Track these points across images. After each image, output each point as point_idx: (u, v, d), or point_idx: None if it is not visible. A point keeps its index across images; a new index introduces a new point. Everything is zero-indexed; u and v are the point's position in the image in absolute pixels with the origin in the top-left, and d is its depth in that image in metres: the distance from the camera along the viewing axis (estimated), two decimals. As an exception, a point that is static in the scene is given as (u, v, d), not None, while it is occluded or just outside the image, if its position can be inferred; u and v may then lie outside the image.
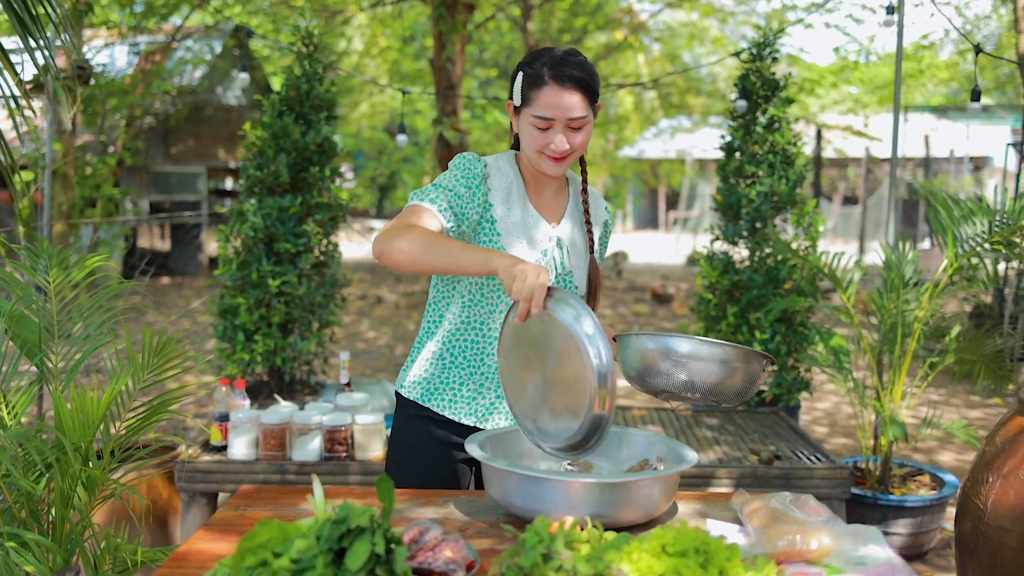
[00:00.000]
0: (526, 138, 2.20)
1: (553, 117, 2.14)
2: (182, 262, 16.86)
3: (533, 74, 2.16)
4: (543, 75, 2.14)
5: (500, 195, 2.28)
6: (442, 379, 2.35)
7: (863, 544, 1.74)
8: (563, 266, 2.32)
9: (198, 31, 12.86)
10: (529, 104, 2.16)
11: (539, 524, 1.56)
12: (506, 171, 2.31)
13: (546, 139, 2.17)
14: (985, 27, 14.63)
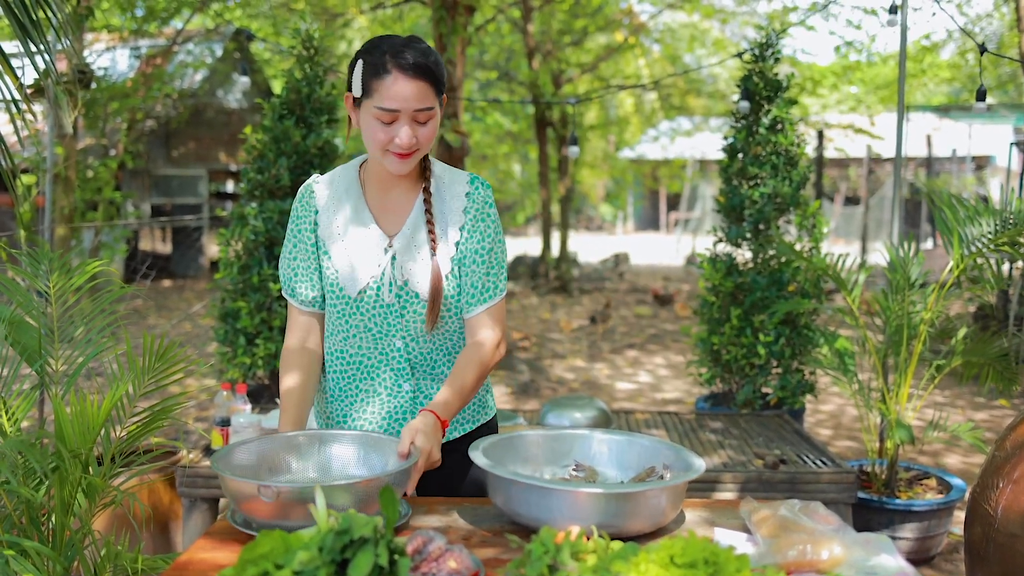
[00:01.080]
0: (368, 134, 2.04)
1: (398, 108, 1.99)
2: (183, 265, 16.85)
3: (375, 62, 1.99)
4: (386, 63, 1.98)
5: (327, 214, 2.19)
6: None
7: (874, 554, 1.71)
8: (396, 281, 2.16)
9: (199, 34, 12.86)
10: (371, 95, 2.00)
11: (545, 534, 1.53)
12: (338, 184, 2.21)
13: (390, 133, 2.01)
14: (987, 26, 14.61)
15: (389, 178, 2.16)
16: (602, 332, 11.11)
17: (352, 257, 2.16)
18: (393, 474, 1.88)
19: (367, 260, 2.16)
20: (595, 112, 19.11)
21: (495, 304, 2.21)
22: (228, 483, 1.83)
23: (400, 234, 2.16)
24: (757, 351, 4.88)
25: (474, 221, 2.18)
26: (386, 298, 2.15)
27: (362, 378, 2.24)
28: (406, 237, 2.16)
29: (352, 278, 2.15)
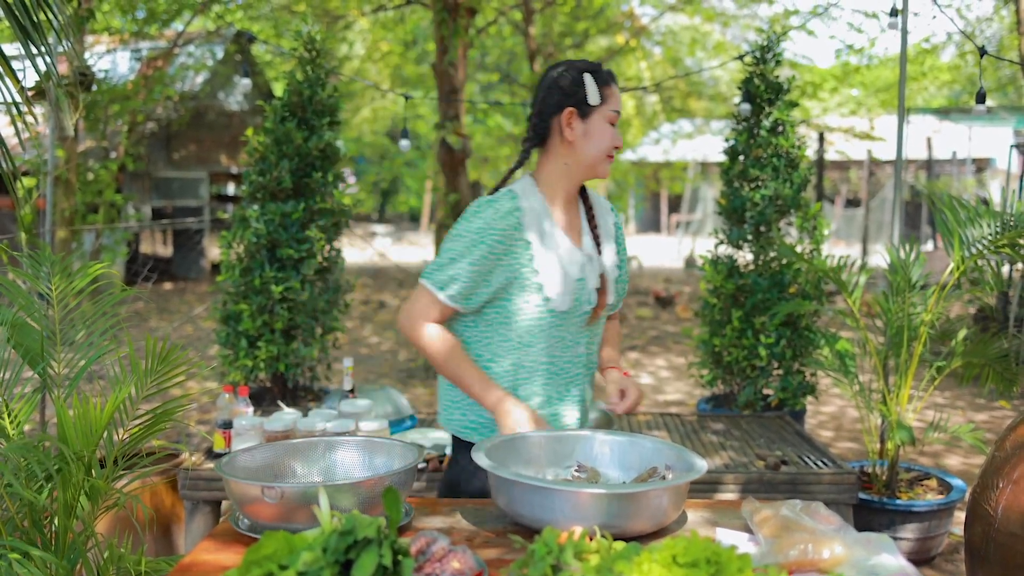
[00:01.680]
0: (598, 139, 2.30)
1: (619, 111, 2.31)
2: (184, 268, 16.86)
3: (600, 75, 2.30)
4: (607, 77, 2.31)
5: (533, 231, 2.30)
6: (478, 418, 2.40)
7: (875, 553, 1.72)
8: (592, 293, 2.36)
9: (200, 37, 12.87)
10: (605, 102, 2.29)
11: (548, 534, 1.54)
12: (534, 202, 2.33)
13: (615, 135, 2.31)
14: (987, 29, 14.62)
15: (570, 195, 2.40)
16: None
17: (561, 272, 2.31)
18: (397, 474, 1.89)
19: (571, 274, 2.32)
20: (596, 114, 19.10)
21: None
22: (232, 486, 1.84)
23: (584, 246, 2.38)
24: (758, 353, 4.88)
25: (619, 230, 2.52)
26: (585, 307, 2.35)
27: (564, 384, 2.39)
28: (589, 249, 2.39)
29: (563, 293, 2.30)
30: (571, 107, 2.29)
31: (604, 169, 2.35)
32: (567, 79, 2.30)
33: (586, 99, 2.28)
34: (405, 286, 16.31)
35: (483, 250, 2.25)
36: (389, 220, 35.46)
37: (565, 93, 2.30)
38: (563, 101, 2.29)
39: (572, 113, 2.29)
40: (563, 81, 2.31)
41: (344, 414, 3.62)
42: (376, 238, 27.51)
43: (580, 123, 2.30)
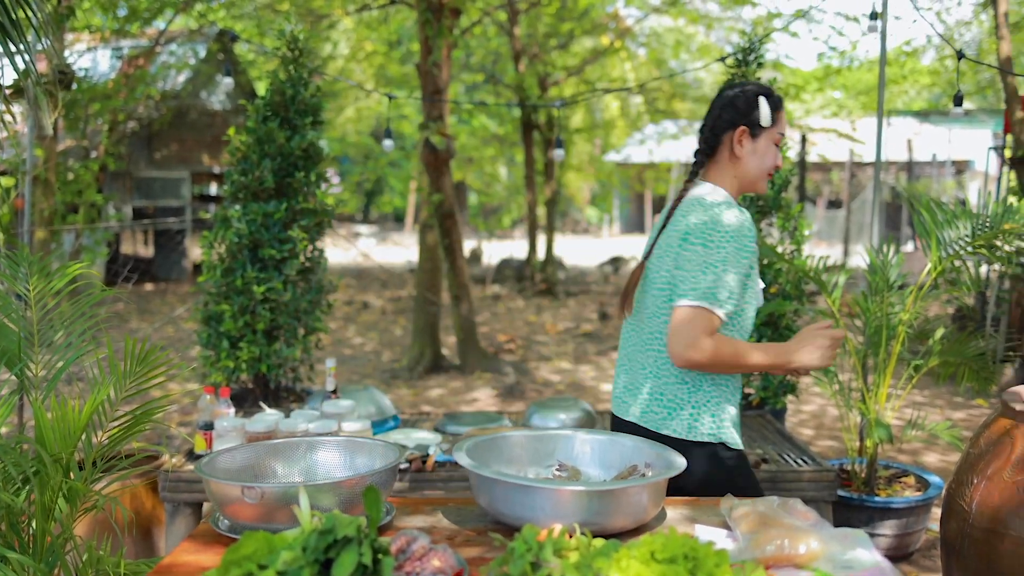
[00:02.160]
0: (763, 158, 2.49)
1: (784, 134, 2.53)
2: (166, 268, 16.78)
3: (773, 98, 2.50)
4: (778, 101, 2.51)
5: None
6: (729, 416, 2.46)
7: (851, 548, 1.73)
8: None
9: (182, 35, 12.81)
10: (777, 123, 2.50)
11: (527, 532, 1.55)
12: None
13: (776, 156, 2.51)
14: (967, 33, 14.71)
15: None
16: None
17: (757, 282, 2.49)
18: (377, 474, 1.89)
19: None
20: (581, 115, 19.14)
21: None
22: (212, 486, 1.84)
23: None
24: (739, 352, 4.90)
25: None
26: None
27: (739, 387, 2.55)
28: None
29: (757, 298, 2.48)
30: (744, 126, 2.48)
31: (763, 185, 2.53)
32: (743, 99, 2.49)
33: (759, 120, 2.47)
34: (389, 286, 16.30)
35: (746, 257, 2.35)
36: (373, 220, 35.40)
37: (739, 112, 2.49)
38: (737, 120, 2.48)
39: (744, 132, 2.48)
40: (739, 101, 2.50)
41: (326, 415, 3.62)
42: (360, 238, 27.49)
43: (750, 141, 2.49)
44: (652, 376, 2.43)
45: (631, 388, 2.49)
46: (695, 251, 2.32)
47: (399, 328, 11.62)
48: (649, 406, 2.43)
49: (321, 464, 2.14)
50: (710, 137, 2.51)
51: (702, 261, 2.31)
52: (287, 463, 2.12)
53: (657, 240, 2.47)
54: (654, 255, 2.46)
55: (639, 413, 2.44)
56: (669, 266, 2.38)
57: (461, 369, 8.68)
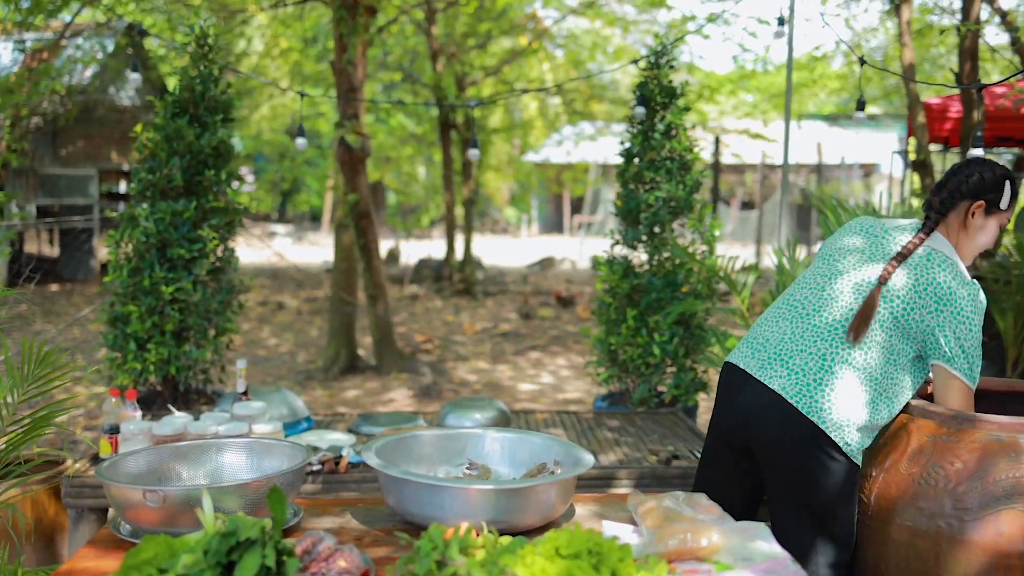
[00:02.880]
0: (987, 236, 2.61)
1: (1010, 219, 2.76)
2: (72, 268, 16.33)
3: (1015, 184, 2.61)
4: (1017, 186, 2.62)
5: None
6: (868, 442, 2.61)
7: (751, 540, 1.77)
8: None
9: (89, 29, 12.48)
10: (1008, 209, 2.60)
11: (434, 531, 1.55)
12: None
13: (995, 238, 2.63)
14: (872, 39, 15.13)
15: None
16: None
17: None
18: (282, 475, 1.87)
19: None
20: (500, 115, 19.18)
21: None
22: (113, 490, 1.80)
23: None
24: (652, 351, 4.97)
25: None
26: None
27: None
28: None
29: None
30: (983, 201, 2.57)
31: (972, 259, 2.63)
32: (990, 175, 2.59)
33: (999, 201, 2.58)
34: (304, 286, 16.12)
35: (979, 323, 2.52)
36: (289, 220, 34.96)
37: (985, 187, 2.58)
38: (979, 193, 2.57)
39: (981, 207, 2.57)
40: (987, 175, 2.59)
41: (237, 417, 3.57)
42: (275, 238, 27.12)
43: (982, 217, 2.59)
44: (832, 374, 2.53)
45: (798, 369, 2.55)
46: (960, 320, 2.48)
47: (315, 329, 11.50)
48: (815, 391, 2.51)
49: (228, 467, 2.11)
50: (948, 201, 2.60)
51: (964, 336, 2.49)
52: (193, 466, 2.09)
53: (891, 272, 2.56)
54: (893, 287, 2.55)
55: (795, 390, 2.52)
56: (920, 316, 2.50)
57: (377, 370, 8.63)
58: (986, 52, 11.13)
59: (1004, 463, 2.48)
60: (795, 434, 2.45)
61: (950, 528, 2.48)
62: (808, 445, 2.45)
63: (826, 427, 2.48)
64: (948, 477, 2.52)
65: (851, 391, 2.50)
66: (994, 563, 2.41)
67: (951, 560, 2.47)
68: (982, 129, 4.04)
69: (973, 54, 7.69)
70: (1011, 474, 2.46)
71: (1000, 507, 2.44)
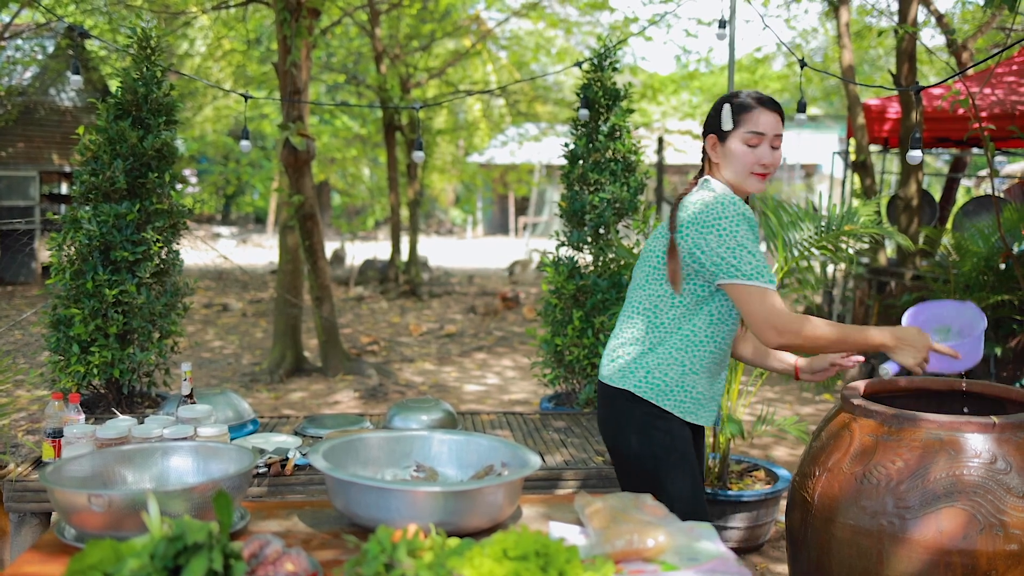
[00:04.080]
0: (736, 159, 2.59)
1: (764, 132, 2.57)
2: (12, 271, 16.02)
3: (739, 102, 2.60)
4: (748, 101, 2.60)
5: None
6: (680, 383, 2.63)
7: (696, 540, 1.81)
8: None
9: (28, 30, 12.27)
10: (741, 124, 2.58)
11: (381, 533, 1.56)
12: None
13: (756, 156, 2.58)
14: (812, 40, 15.38)
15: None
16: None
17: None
18: (228, 479, 1.87)
19: None
20: (444, 117, 19.18)
21: None
22: (57, 495, 1.79)
23: None
24: (598, 351, 5.01)
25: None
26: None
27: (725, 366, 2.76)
28: None
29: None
30: (712, 134, 2.65)
31: (752, 185, 2.62)
32: (713, 109, 2.66)
33: (721, 126, 2.61)
34: (249, 289, 15.97)
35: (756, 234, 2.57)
36: (234, 222, 34.60)
37: (710, 122, 2.67)
38: (707, 129, 2.67)
39: (713, 139, 2.64)
40: (711, 111, 2.67)
41: (182, 420, 3.54)
42: (220, 240, 26.81)
43: (720, 147, 2.63)
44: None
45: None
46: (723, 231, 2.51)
47: (260, 331, 11.41)
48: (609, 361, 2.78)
49: (174, 470, 2.10)
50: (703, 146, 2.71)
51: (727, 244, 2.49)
52: (138, 470, 2.08)
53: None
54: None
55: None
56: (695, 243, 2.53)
57: (323, 371, 8.59)
58: (923, 54, 11.40)
59: (944, 461, 2.54)
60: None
61: (892, 526, 2.53)
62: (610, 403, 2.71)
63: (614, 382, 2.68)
64: (890, 476, 2.58)
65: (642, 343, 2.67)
66: (935, 560, 2.48)
67: (893, 558, 2.53)
68: (920, 131, 4.13)
69: (911, 56, 7.86)
70: (951, 472, 2.52)
71: (940, 505, 2.50)
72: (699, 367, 2.64)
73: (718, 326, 2.64)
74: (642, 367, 2.64)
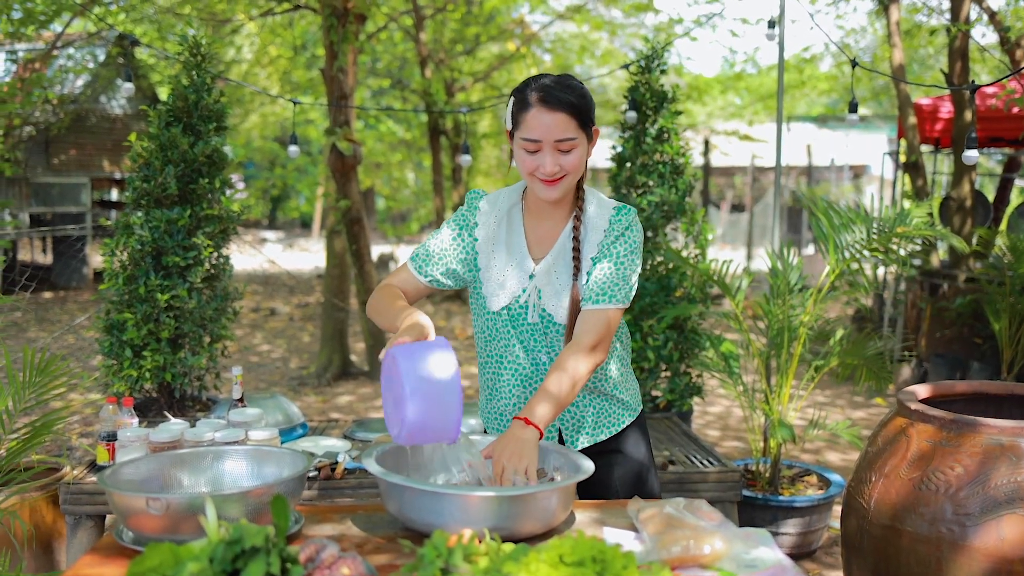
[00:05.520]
0: (519, 162, 2.23)
1: (540, 138, 2.17)
2: (65, 276, 16.30)
3: (522, 98, 2.20)
4: (529, 98, 2.18)
5: (487, 238, 2.35)
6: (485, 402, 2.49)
7: (754, 547, 1.78)
8: (536, 308, 2.33)
9: (80, 39, 12.47)
10: (518, 127, 2.20)
11: (437, 538, 1.56)
12: (503, 205, 2.36)
13: (536, 162, 2.19)
14: (862, 39, 15.19)
15: (544, 206, 2.32)
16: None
17: (497, 275, 2.33)
18: (285, 482, 1.88)
19: (511, 281, 2.32)
20: (488, 120, 19.20)
21: (602, 309, 2.25)
22: (115, 498, 1.80)
23: (544, 261, 2.32)
24: (647, 355, 4.98)
25: (610, 244, 2.30)
26: (530, 319, 2.34)
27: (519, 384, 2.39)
28: (548, 264, 2.32)
29: (494, 295, 2.33)
30: (508, 129, 2.28)
31: (539, 191, 2.23)
32: (510, 95, 2.27)
33: (509, 124, 2.26)
34: (296, 293, 16.09)
35: (450, 229, 2.36)
36: (280, 226, 34.93)
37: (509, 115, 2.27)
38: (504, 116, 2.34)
39: (508, 135, 2.28)
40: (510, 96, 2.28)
41: (233, 423, 3.57)
42: (266, 245, 27.07)
43: (512, 143, 2.27)
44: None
45: None
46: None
47: (307, 335, 11.49)
48: None
49: (228, 473, 2.12)
50: None
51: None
52: (193, 473, 2.09)
53: None
54: None
55: None
56: None
57: (370, 375, 8.63)
58: (975, 52, 11.21)
59: (1005, 467, 2.48)
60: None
61: (951, 534, 2.48)
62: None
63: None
64: (949, 482, 2.52)
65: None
66: (996, 568, 2.42)
67: (953, 566, 2.47)
68: (975, 130, 4.05)
69: (963, 54, 7.73)
70: (1012, 479, 2.46)
71: (1002, 512, 2.44)
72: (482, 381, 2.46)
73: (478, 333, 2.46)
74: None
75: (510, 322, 2.35)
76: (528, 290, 2.32)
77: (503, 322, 2.35)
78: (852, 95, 4.82)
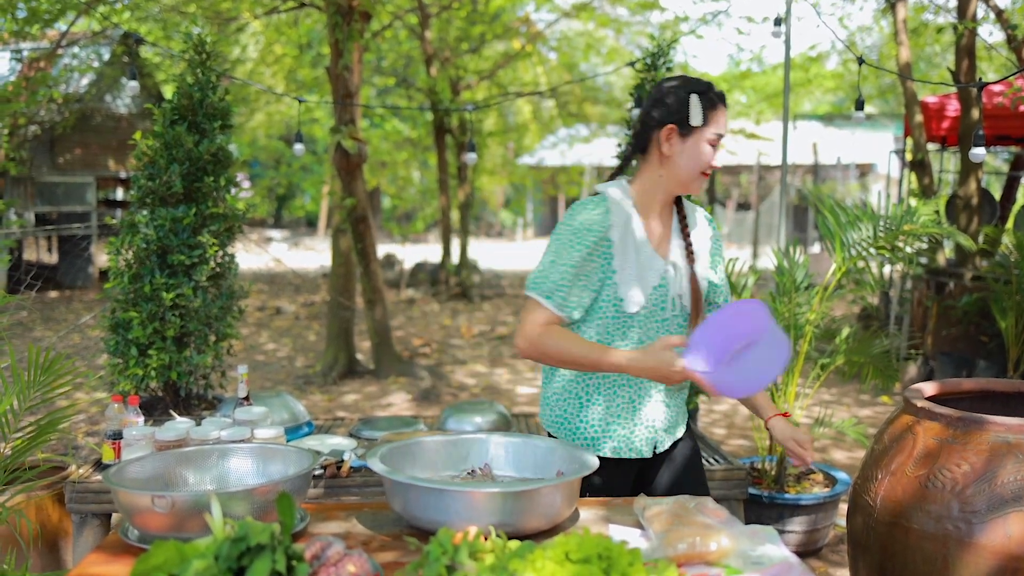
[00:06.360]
0: (694, 158, 2.36)
1: (724, 135, 2.40)
2: (71, 275, 16.33)
3: (708, 97, 2.36)
4: (715, 98, 2.37)
5: (619, 243, 2.36)
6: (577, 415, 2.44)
7: (760, 544, 1.78)
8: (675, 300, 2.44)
9: (85, 38, 12.49)
10: (708, 123, 2.35)
11: (443, 535, 1.55)
12: (625, 208, 2.39)
13: (711, 157, 2.37)
14: (867, 37, 15.15)
15: (663, 205, 2.46)
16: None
17: (633, 276, 2.37)
18: (290, 480, 1.88)
19: (647, 279, 2.39)
20: (494, 119, 19.20)
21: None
22: (121, 496, 1.80)
23: (671, 255, 2.45)
24: (652, 353, 4.98)
25: (715, 242, 2.60)
26: (664, 314, 2.42)
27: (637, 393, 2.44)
28: (677, 257, 2.46)
29: (634, 296, 2.36)
30: (672, 124, 2.35)
31: (696, 186, 2.41)
32: (674, 97, 2.37)
33: (688, 119, 2.34)
34: (301, 292, 16.11)
35: (580, 251, 2.32)
36: (286, 225, 34.96)
37: (670, 110, 2.36)
38: (666, 118, 2.36)
39: (672, 130, 2.35)
40: (670, 98, 2.37)
41: (239, 422, 3.57)
42: (272, 243, 27.10)
43: (679, 141, 2.36)
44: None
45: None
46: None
47: (313, 333, 11.50)
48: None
49: (233, 472, 2.12)
50: (640, 134, 2.42)
51: (546, 250, 2.39)
52: (198, 471, 2.09)
53: None
54: None
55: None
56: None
57: (376, 374, 8.63)
58: (982, 49, 11.18)
59: (1012, 465, 2.47)
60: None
61: (958, 531, 2.47)
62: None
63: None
64: (955, 480, 2.52)
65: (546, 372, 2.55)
66: (1003, 566, 2.41)
67: (959, 563, 2.46)
68: (982, 128, 4.04)
69: (970, 52, 7.71)
70: (1019, 476, 2.45)
71: (1008, 510, 2.43)
72: (593, 394, 2.42)
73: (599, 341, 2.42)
74: (546, 400, 2.51)
75: (646, 319, 2.39)
76: (665, 284, 2.41)
77: (638, 321, 2.38)
78: (859, 93, 4.81)
